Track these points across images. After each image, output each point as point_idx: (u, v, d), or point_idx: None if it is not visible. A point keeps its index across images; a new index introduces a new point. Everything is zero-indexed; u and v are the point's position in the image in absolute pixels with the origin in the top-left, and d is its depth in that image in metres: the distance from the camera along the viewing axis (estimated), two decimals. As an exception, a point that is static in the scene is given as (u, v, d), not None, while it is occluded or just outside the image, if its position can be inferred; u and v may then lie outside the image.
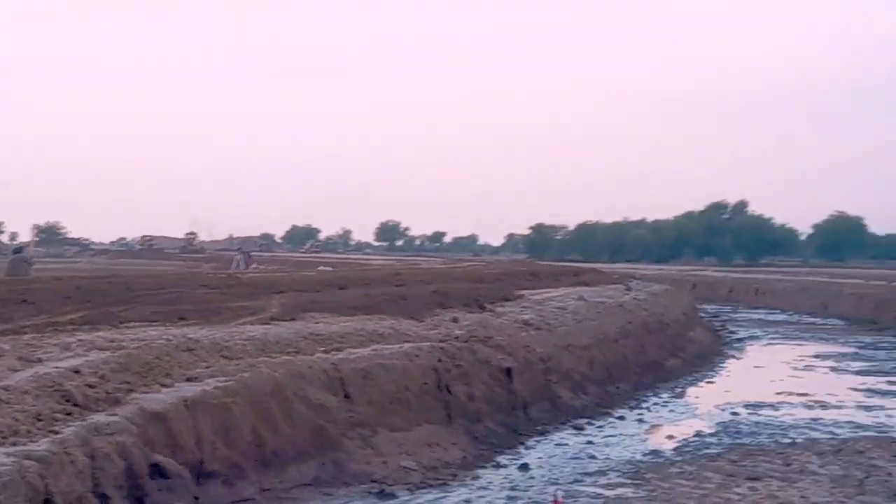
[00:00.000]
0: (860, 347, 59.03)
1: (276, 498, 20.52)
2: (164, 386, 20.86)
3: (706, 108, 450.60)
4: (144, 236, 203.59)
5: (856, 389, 40.56)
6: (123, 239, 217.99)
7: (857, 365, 50.05)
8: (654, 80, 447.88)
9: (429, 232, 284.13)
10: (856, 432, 30.52)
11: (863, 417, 33.61)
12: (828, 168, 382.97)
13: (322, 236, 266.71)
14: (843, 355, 54.68)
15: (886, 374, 46.07)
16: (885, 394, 39.52)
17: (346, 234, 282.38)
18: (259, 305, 33.24)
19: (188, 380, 21.43)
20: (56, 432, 17.43)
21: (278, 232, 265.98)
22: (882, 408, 35.79)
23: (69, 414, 18.51)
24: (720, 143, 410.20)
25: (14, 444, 16.55)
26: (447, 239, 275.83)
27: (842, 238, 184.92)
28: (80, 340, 24.20)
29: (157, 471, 18.51)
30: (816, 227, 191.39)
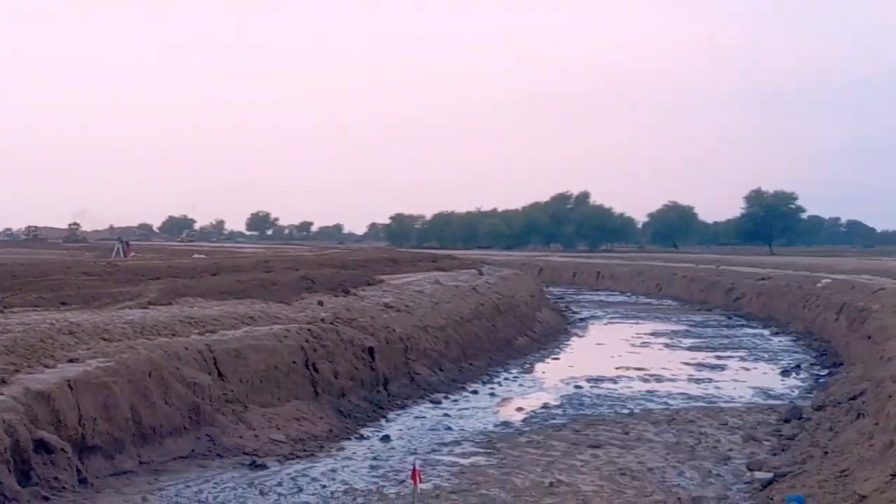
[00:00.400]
0: (691, 325, 60.05)
1: (153, 470, 20.37)
2: (47, 367, 20.65)
3: (551, 107, 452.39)
4: (29, 227, 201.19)
5: (687, 364, 41.23)
6: (9, 230, 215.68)
7: (688, 341, 50.86)
8: (503, 81, 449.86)
9: (297, 222, 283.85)
10: (687, 403, 31.06)
11: (694, 389, 34.14)
12: (662, 162, 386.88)
13: (197, 226, 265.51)
14: (676, 333, 55.51)
15: (714, 349, 46.94)
16: (713, 367, 40.31)
17: (220, 224, 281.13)
18: (137, 291, 32.97)
19: (70, 361, 21.22)
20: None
21: (156, 222, 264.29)
22: (710, 380, 36.45)
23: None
24: (565, 139, 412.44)
25: None
26: (314, 228, 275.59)
27: (674, 225, 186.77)
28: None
29: (42, 446, 18.32)
30: (651, 215, 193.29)
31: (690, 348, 47.89)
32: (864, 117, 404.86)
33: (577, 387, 34.26)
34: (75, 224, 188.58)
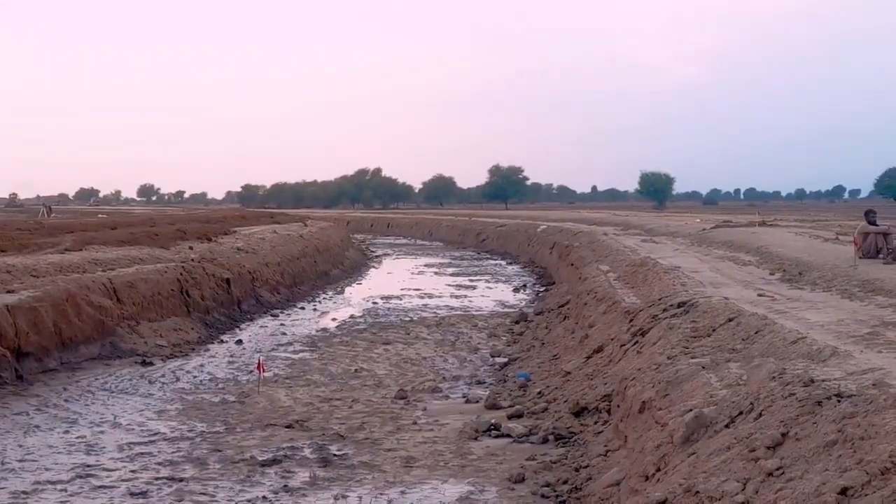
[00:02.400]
0: (452, 259, 60.46)
1: (71, 368, 20.05)
2: (-9, 295, 20.29)
3: (361, 109, 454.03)
4: None
5: (449, 285, 41.52)
6: None
7: (450, 270, 51.26)
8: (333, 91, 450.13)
9: (174, 190, 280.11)
10: (450, 312, 31.39)
11: (454, 302, 34.51)
12: (432, 145, 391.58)
13: (101, 195, 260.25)
14: (442, 264, 55.90)
15: (468, 275, 47.37)
16: (467, 287, 40.68)
17: (118, 193, 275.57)
18: (56, 241, 32.15)
19: (8, 292, 20.77)
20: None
21: (71, 191, 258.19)
22: (465, 296, 36.86)
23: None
24: (363, 129, 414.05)
25: None
26: (186, 195, 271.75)
27: (441, 190, 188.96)
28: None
29: (-11, 353, 18.03)
30: (425, 183, 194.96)
31: (452, 274, 48.16)
32: (569, 114, 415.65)
33: (374, 303, 34.32)
34: (14, 194, 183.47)
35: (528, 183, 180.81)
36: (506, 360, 21.55)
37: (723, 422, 10.35)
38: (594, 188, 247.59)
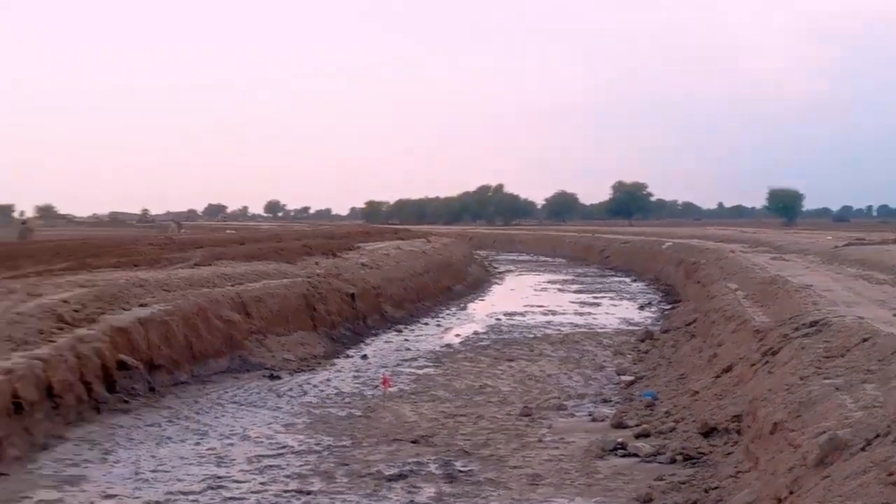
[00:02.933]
0: (576, 276, 60.04)
1: (201, 381, 20.42)
2: (124, 309, 20.73)
3: (487, 124, 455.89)
4: (112, 212, 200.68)
5: (573, 302, 41.29)
6: (95, 214, 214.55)
7: (574, 287, 50.96)
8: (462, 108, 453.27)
9: (299, 206, 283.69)
10: (574, 329, 31.10)
11: (578, 319, 34.23)
12: (554, 163, 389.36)
13: (229, 210, 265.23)
14: (565, 281, 55.60)
15: (592, 292, 47.00)
16: (591, 304, 40.34)
17: (245, 209, 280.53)
18: (187, 256, 32.77)
19: (141, 305, 21.26)
20: (53, 342, 17.21)
21: (199, 207, 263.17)
22: (590, 313, 36.55)
23: (61, 329, 18.28)
24: (485, 146, 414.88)
25: (25, 350, 16.32)
26: (311, 211, 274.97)
27: (563, 206, 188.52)
28: (67, 281, 23.80)
29: (122, 365, 18.44)
30: (547, 199, 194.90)
31: (575, 291, 47.85)
32: (694, 129, 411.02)
33: (497, 319, 34.25)
34: (145, 210, 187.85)
35: (652, 199, 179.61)
36: (632, 378, 21.30)
37: (859, 444, 10.11)
38: (720, 204, 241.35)
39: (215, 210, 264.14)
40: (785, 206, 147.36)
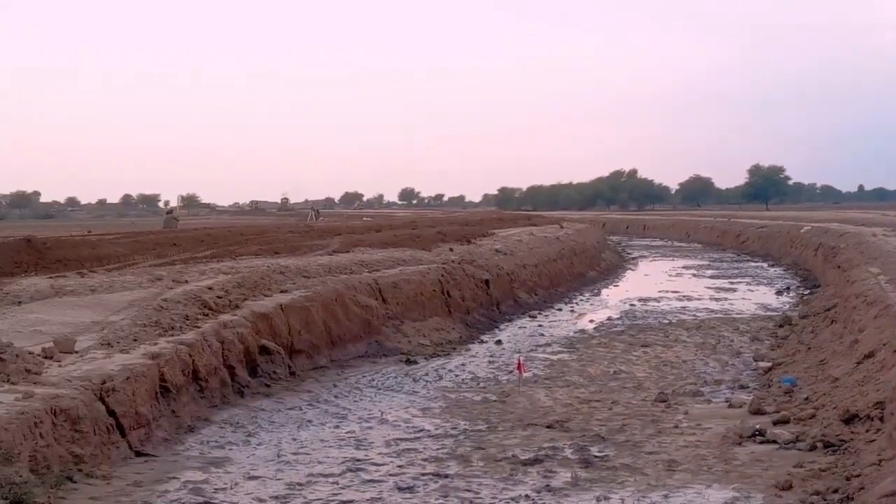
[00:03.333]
0: (711, 261, 59.16)
1: (340, 366, 20.77)
2: (266, 296, 21.23)
3: (613, 113, 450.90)
4: (252, 200, 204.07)
5: (709, 287, 40.78)
6: (237, 203, 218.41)
7: (709, 272, 50.26)
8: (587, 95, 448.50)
9: (433, 194, 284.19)
10: (710, 315, 30.75)
11: (714, 305, 33.82)
12: (689, 147, 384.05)
13: (365, 198, 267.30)
14: (700, 266, 54.86)
15: (728, 277, 46.33)
16: (727, 290, 39.77)
17: (381, 196, 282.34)
18: (325, 243, 33.33)
19: (282, 292, 21.72)
20: (198, 327, 17.68)
21: (336, 195, 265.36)
22: (726, 299, 36.05)
23: (206, 315, 18.74)
24: (619, 133, 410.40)
25: (172, 336, 16.76)
26: (445, 198, 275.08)
27: (697, 191, 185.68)
28: (211, 268, 24.45)
29: (264, 350, 18.84)
30: (681, 184, 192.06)
31: (711, 276, 47.19)
32: (832, 111, 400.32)
33: (631, 305, 34.06)
34: (285, 198, 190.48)
35: (790, 183, 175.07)
36: (769, 364, 20.94)
37: None
38: (861, 187, 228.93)
39: (352, 198, 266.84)
40: None
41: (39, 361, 14.14)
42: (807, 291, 37.88)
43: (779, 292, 39.10)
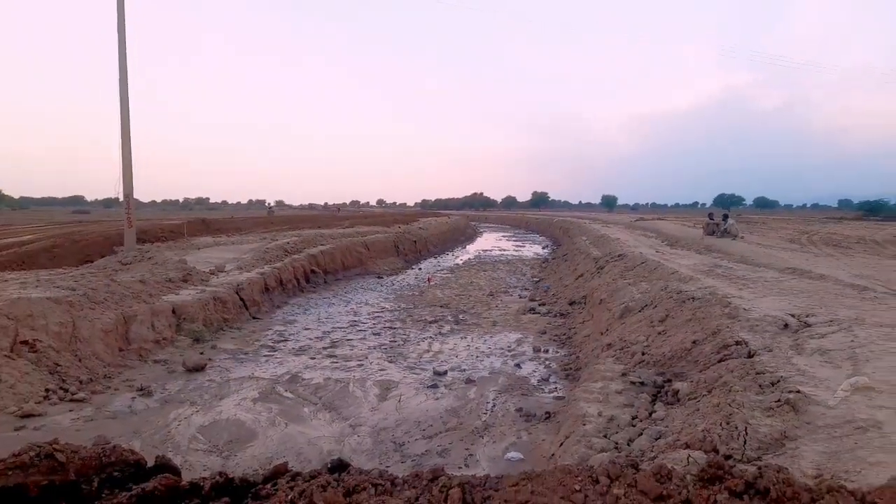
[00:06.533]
0: (515, 234, 58.55)
1: (347, 279, 20.42)
2: (314, 247, 20.80)
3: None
4: (310, 203, 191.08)
5: (515, 246, 40.80)
6: (301, 204, 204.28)
7: (514, 239, 49.94)
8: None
9: (390, 200, 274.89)
10: (513, 257, 30.56)
11: (515, 253, 33.65)
12: (508, 179, 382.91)
13: (350, 202, 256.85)
14: (509, 236, 54.32)
15: (522, 241, 45.90)
16: (521, 247, 39.46)
17: (358, 202, 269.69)
18: (341, 224, 32.51)
19: (321, 245, 21.33)
20: (282, 260, 17.34)
21: (347, 200, 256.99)
22: (520, 250, 36.03)
23: (287, 254, 18.42)
24: (475, 172, 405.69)
25: (271, 265, 16.44)
26: (397, 203, 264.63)
27: (511, 202, 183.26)
28: (288, 234, 23.96)
29: (313, 272, 18.53)
30: (502, 199, 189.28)
31: (514, 241, 46.76)
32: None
33: (479, 253, 33.70)
34: (326, 202, 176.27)
35: (551, 199, 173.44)
36: (538, 279, 21.28)
37: (638, 309, 10.17)
38: (580, 201, 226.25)
39: (354, 203, 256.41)
40: (609, 202, 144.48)
41: (208, 276, 13.85)
42: (556, 247, 38.37)
43: (544, 248, 39.21)
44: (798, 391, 4.91)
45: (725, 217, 24.23)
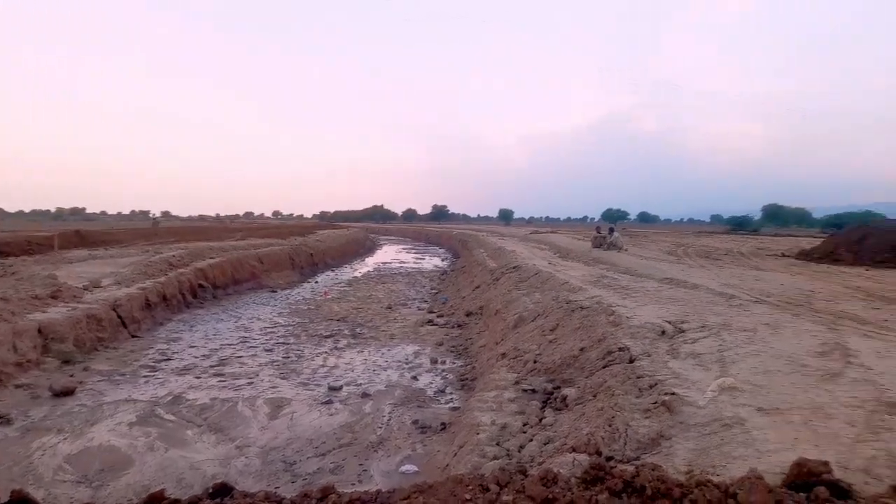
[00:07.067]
0: (415, 246, 58.80)
1: (238, 293, 19.63)
2: (202, 259, 19.81)
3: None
4: (200, 214, 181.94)
5: (415, 258, 40.82)
6: (191, 215, 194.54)
7: (414, 251, 50.15)
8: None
9: (287, 212, 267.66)
10: (413, 269, 30.65)
11: (415, 265, 33.71)
12: (406, 192, 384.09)
13: (257, 213, 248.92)
14: (410, 248, 54.63)
15: (422, 253, 46.09)
16: (422, 259, 39.72)
17: (252, 213, 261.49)
18: (234, 236, 31.28)
19: (210, 258, 20.35)
20: (167, 274, 16.38)
21: (242, 211, 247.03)
22: (420, 262, 36.09)
23: (172, 268, 17.41)
24: (375, 186, 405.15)
25: (154, 279, 15.51)
26: (294, 214, 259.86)
27: (413, 215, 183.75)
28: (174, 247, 22.69)
29: (201, 286, 17.65)
30: (403, 212, 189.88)
31: (414, 253, 46.99)
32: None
33: (379, 265, 33.55)
34: (217, 213, 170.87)
35: (451, 212, 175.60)
36: (436, 291, 21.43)
37: (531, 319, 10.49)
38: (478, 214, 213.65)
39: (248, 214, 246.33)
40: (506, 215, 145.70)
41: (81, 292, 12.80)
42: (455, 259, 38.81)
43: (443, 260, 39.48)
44: (673, 393, 5.25)
45: (611, 230, 25.65)
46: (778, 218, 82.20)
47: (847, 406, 4.85)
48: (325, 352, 11.56)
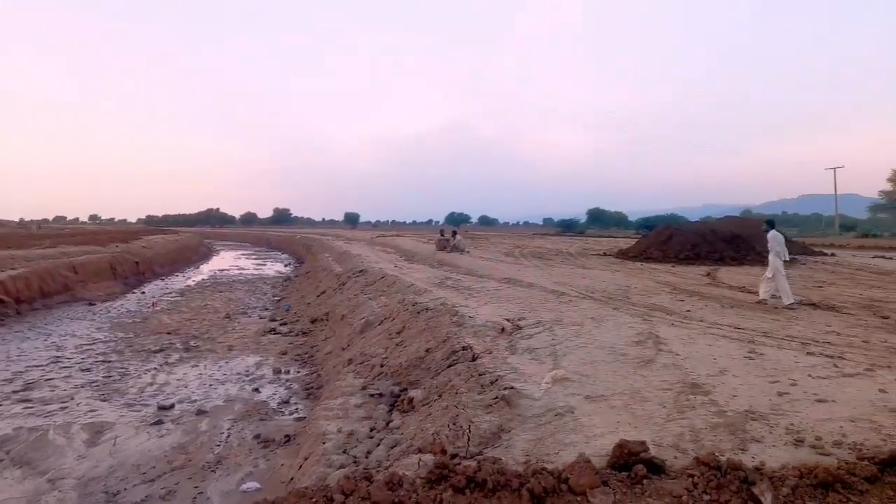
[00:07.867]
0: (255, 252, 56.42)
1: (48, 307, 17.50)
2: (2, 270, 17.36)
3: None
4: (5, 219, 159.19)
5: (255, 264, 39.10)
6: None
7: (254, 257, 48.17)
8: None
9: (107, 217, 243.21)
10: (253, 276, 29.41)
11: (255, 271, 32.47)
12: (255, 193, 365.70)
13: (69, 218, 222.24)
14: (250, 254, 52.18)
15: (263, 259, 44.46)
16: (261, 265, 38.12)
17: (65, 217, 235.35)
18: (41, 243, 27.74)
19: (12, 269, 17.86)
20: None
21: (51, 216, 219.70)
22: (262, 268, 34.63)
23: None
24: (210, 185, 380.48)
25: None
26: (116, 219, 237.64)
27: (253, 217, 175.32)
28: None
29: (1, 302, 15.48)
30: (240, 215, 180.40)
31: (255, 259, 45.11)
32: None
33: (215, 273, 31.76)
34: (22, 218, 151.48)
35: (294, 216, 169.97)
36: (279, 298, 20.72)
37: (378, 322, 10.54)
38: (323, 218, 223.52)
39: (59, 219, 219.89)
40: (352, 219, 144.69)
41: None
42: (299, 265, 37.80)
43: (286, 266, 38.19)
44: (512, 387, 5.56)
45: (454, 234, 26.53)
46: (600, 220, 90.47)
47: (659, 389, 5.46)
48: (154, 368, 10.68)
